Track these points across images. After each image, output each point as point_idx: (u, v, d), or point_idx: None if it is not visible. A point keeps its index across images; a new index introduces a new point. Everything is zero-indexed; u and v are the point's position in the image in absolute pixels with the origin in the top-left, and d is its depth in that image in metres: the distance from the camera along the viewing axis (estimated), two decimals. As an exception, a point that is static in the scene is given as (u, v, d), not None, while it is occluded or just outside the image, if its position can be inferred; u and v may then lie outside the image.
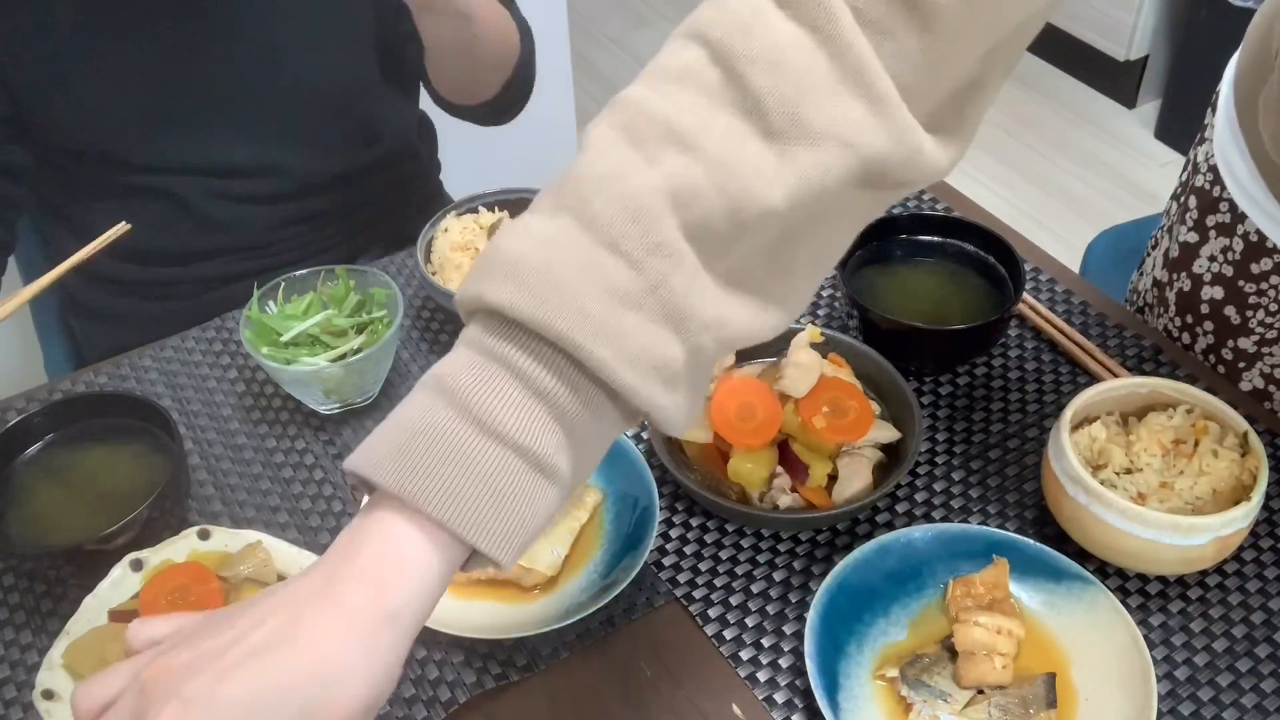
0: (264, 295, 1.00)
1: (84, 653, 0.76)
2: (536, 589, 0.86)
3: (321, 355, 0.97)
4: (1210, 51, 2.69)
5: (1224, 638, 0.83)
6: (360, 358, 0.95)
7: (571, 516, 0.89)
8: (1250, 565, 0.88)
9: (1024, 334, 1.07)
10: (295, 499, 0.95)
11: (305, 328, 0.97)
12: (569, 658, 0.83)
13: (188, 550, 0.83)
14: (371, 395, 1.01)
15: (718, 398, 0.89)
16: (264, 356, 0.96)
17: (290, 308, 1.00)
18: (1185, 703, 0.79)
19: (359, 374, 0.97)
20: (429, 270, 1.05)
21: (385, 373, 1.02)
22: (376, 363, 0.98)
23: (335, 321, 0.98)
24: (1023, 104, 3.06)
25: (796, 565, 0.89)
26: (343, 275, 1.01)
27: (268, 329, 0.98)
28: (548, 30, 1.35)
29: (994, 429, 0.99)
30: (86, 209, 1.24)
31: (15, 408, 1.02)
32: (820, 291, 1.12)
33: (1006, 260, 1.04)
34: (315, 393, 0.98)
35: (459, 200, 1.10)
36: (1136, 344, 1.05)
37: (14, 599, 0.88)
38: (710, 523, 0.92)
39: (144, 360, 1.07)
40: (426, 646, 0.84)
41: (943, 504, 0.93)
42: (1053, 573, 0.84)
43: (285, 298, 1.01)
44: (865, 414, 0.89)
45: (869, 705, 0.79)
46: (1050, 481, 0.87)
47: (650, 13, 3.57)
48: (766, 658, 0.83)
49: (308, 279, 1.02)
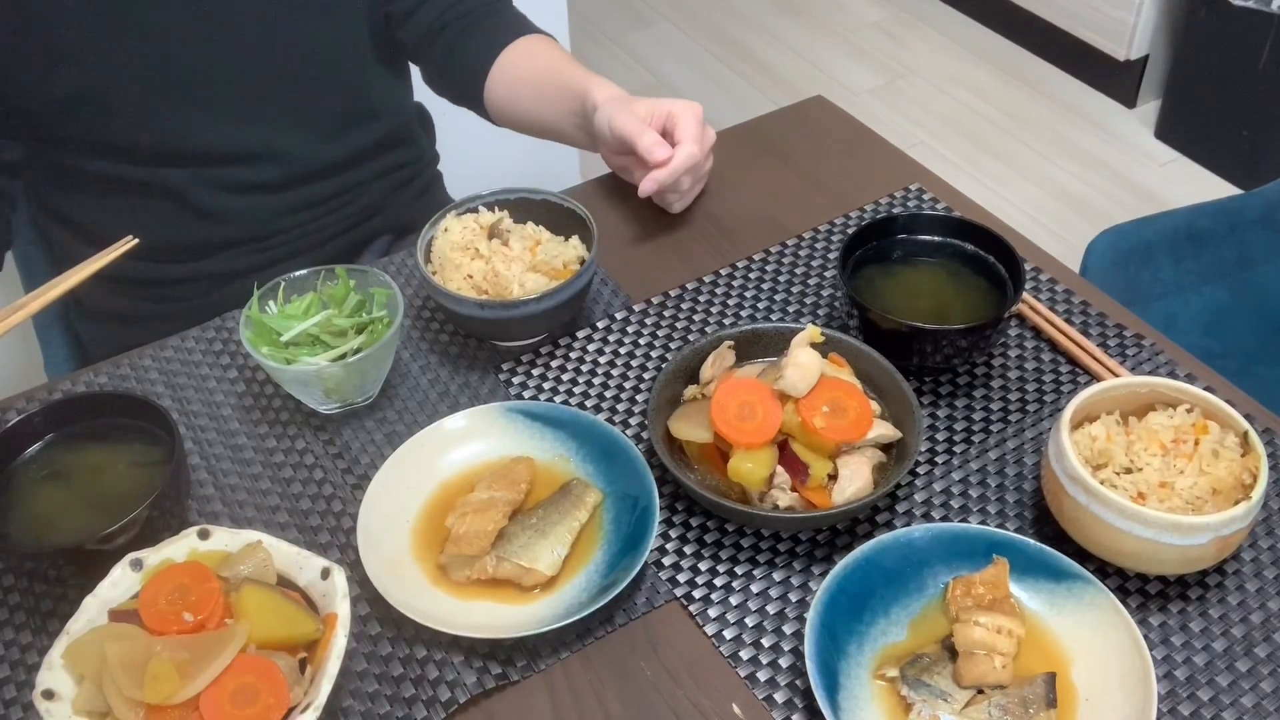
0: (264, 295, 1.00)
1: (84, 653, 0.76)
2: (536, 589, 0.86)
3: (321, 355, 0.97)
4: (1210, 51, 2.69)
5: (1224, 638, 0.83)
6: (360, 357, 0.95)
7: (571, 516, 0.89)
8: (1250, 565, 0.88)
9: (1024, 334, 1.07)
10: (295, 499, 0.95)
11: (305, 328, 0.97)
12: (569, 658, 0.83)
13: (188, 550, 0.83)
14: (371, 395, 1.01)
15: (718, 398, 0.89)
16: (264, 356, 0.96)
17: (290, 308, 1.00)
18: (1185, 703, 0.79)
19: (359, 374, 0.97)
20: (429, 270, 1.05)
21: (385, 372, 1.01)
22: (377, 362, 0.98)
23: (335, 321, 0.98)
24: (1023, 104, 3.06)
25: (796, 565, 0.89)
26: (343, 275, 1.01)
27: (268, 329, 0.98)
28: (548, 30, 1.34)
29: (994, 429, 0.99)
30: (86, 208, 1.23)
31: (15, 408, 1.02)
32: (820, 291, 1.12)
33: (1006, 260, 1.04)
34: (315, 393, 0.98)
35: (459, 200, 1.10)
36: (1136, 344, 1.05)
37: (14, 599, 0.88)
38: (710, 523, 0.92)
39: (144, 360, 1.07)
40: (427, 646, 0.84)
41: (943, 504, 0.93)
42: (1053, 573, 0.84)
43: (285, 298, 1.01)
44: (865, 414, 0.89)
45: (869, 705, 0.79)
46: (1050, 481, 0.87)
47: (650, 13, 3.57)
48: (766, 658, 0.83)
49: (308, 279, 1.02)
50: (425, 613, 0.82)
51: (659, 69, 3.32)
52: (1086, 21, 2.97)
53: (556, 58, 1.29)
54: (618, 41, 3.43)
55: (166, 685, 0.73)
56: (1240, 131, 2.71)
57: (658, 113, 1.14)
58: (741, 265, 1.16)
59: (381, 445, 0.98)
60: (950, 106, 3.08)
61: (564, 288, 1.01)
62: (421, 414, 1.01)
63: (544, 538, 0.87)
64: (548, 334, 1.07)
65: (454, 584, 0.86)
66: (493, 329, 1.04)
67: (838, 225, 1.20)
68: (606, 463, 0.93)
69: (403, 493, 0.92)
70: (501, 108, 1.31)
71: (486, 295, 1.03)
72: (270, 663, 0.75)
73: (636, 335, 1.09)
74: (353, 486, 0.95)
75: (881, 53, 3.33)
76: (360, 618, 0.85)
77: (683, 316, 1.10)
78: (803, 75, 3.25)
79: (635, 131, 1.11)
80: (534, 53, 1.30)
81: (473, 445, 0.95)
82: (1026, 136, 2.95)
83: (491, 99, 1.31)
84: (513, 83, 1.30)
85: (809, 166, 1.28)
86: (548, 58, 1.29)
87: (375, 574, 0.84)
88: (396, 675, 0.82)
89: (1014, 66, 3.19)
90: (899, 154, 1.31)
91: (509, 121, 1.34)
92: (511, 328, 1.03)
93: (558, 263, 1.05)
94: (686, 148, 1.11)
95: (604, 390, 1.03)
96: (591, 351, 1.07)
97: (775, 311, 1.11)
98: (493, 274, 1.03)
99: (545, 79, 1.27)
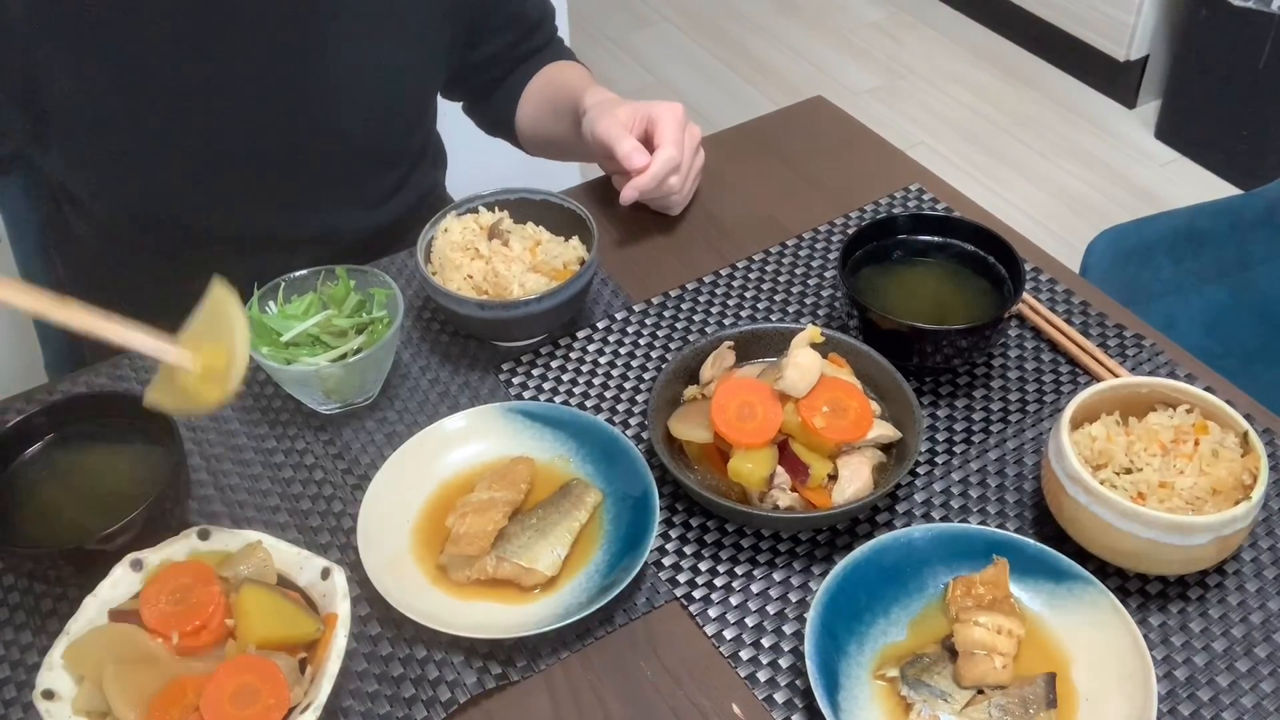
0: (264, 295, 1.00)
1: (84, 653, 0.76)
2: (536, 589, 0.86)
3: (321, 355, 0.97)
4: (1210, 51, 2.70)
5: (1224, 638, 0.83)
6: (360, 358, 0.95)
7: (571, 516, 0.89)
8: (1250, 565, 0.88)
9: (1024, 334, 1.07)
10: (295, 499, 0.95)
11: (305, 328, 0.97)
12: (569, 658, 0.83)
13: (188, 550, 0.83)
14: (371, 395, 1.01)
15: (718, 398, 0.89)
16: (264, 356, 0.96)
17: (290, 308, 1.00)
18: (1185, 703, 0.79)
19: (359, 374, 0.97)
20: (429, 270, 1.05)
21: (385, 373, 1.01)
22: (377, 363, 0.98)
23: (335, 322, 0.98)
24: (1023, 104, 3.06)
25: (796, 565, 0.89)
26: (343, 275, 1.01)
27: (268, 329, 0.98)
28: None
29: (994, 429, 0.99)
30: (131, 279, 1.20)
31: (15, 408, 1.02)
32: (820, 291, 1.12)
33: (1006, 260, 1.04)
34: (315, 393, 0.98)
35: (459, 200, 1.10)
36: (1137, 344, 1.05)
37: (14, 599, 0.88)
38: (710, 523, 0.92)
39: (144, 360, 1.07)
40: (427, 646, 0.84)
41: (943, 504, 0.93)
42: (1053, 573, 0.84)
43: (285, 298, 1.01)
44: (865, 414, 0.89)
45: (869, 705, 0.79)
46: (1050, 481, 0.87)
47: (650, 13, 3.57)
48: (766, 658, 0.83)
49: (308, 279, 1.02)
50: (425, 613, 0.82)
51: (659, 69, 3.32)
52: (1086, 22, 2.97)
53: (571, 74, 1.29)
54: (618, 41, 3.43)
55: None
56: (1240, 131, 2.72)
57: (638, 116, 1.13)
58: (741, 266, 1.16)
59: (381, 445, 0.98)
60: (950, 106, 3.08)
61: (564, 288, 1.01)
62: (421, 414, 1.01)
63: (544, 538, 0.87)
64: (548, 334, 1.07)
65: (454, 584, 0.86)
66: (493, 329, 1.04)
67: (837, 225, 1.20)
68: (606, 463, 0.93)
69: (403, 493, 0.92)
70: (528, 134, 1.33)
71: (487, 295, 1.03)
72: (270, 663, 0.75)
73: (636, 335, 1.09)
74: (353, 487, 0.95)
75: (881, 53, 3.33)
76: (360, 618, 0.85)
77: (683, 317, 1.10)
78: (803, 75, 3.25)
79: (614, 137, 1.11)
80: (552, 75, 1.30)
81: (473, 445, 0.95)
82: (1026, 136, 2.95)
83: (520, 126, 1.33)
84: (535, 104, 1.31)
85: (809, 166, 1.28)
86: (564, 76, 1.29)
87: (375, 574, 0.84)
88: (396, 675, 0.82)
89: (1014, 66, 3.19)
90: (899, 154, 1.31)
91: (538, 147, 1.35)
92: (512, 328, 1.03)
93: (558, 263, 1.05)
94: (665, 151, 1.10)
95: (604, 390, 1.03)
96: (591, 351, 1.07)
97: (775, 312, 1.11)
98: (493, 274, 1.03)
99: (556, 95, 1.27)
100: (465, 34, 1.25)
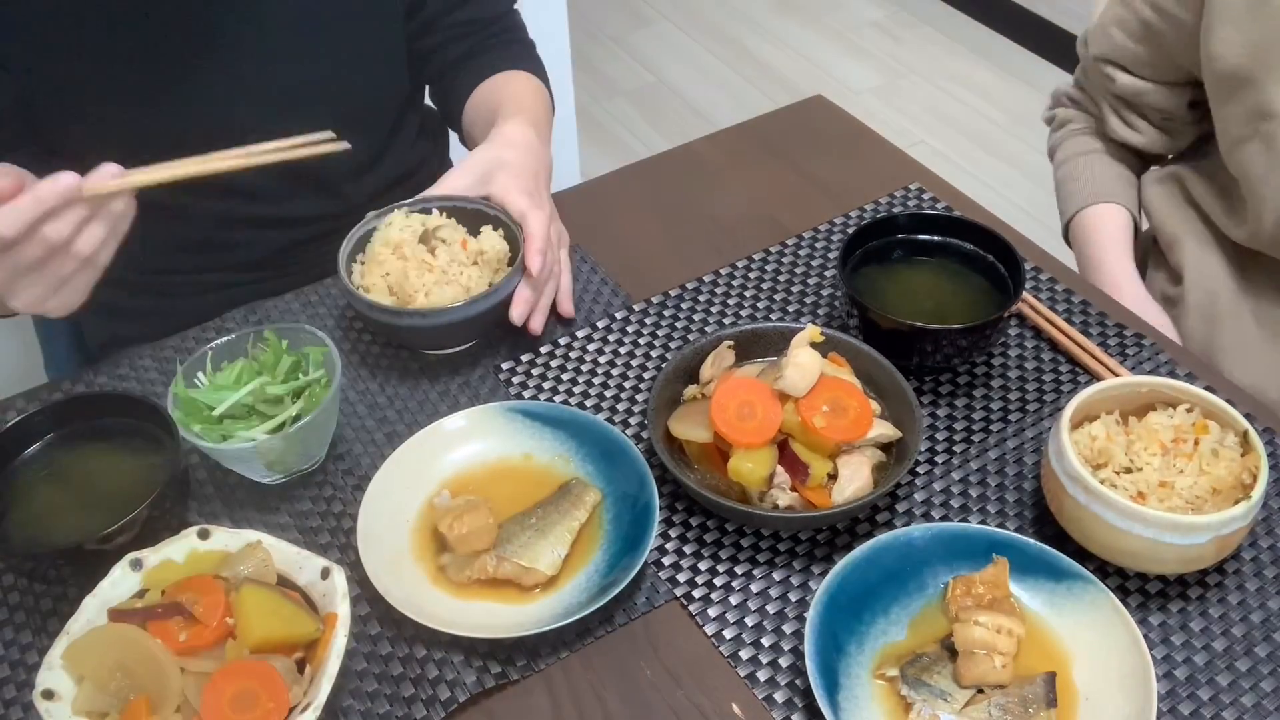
0: (191, 367, 0.93)
1: (84, 653, 0.76)
2: (536, 589, 0.86)
3: (258, 427, 0.90)
4: (1210, 51, 2.69)
5: (1224, 637, 0.83)
6: (300, 426, 0.89)
7: (571, 516, 0.89)
8: (1250, 565, 0.88)
9: (1024, 334, 1.07)
10: (295, 499, 0.95)
11: (238, 398, 0.90)
12: (569, 657, 0.83)
13: (188, 550, 0.83)
14: (318, 459, 0.96)
15: (717, 397, 0.89)
16: (196, 436, 0.89)
17: (220, 378, 0.93)
18: (1185, 702, 0.79)
19: (300, 443, 0.91)
20: (358, 262, 1.04)
21: (330, 436, 0.96)
22: (318, 428, 0.92)
23: (270, 390, 0.91)
24: (1023, 102, 3.06)
25: (796, 565, 0.89)
26: (273, 338, 0.94)
27: (197, 405, 0.91)
28: (548, 30, 1.34)
29: (994, 428, 0.99)
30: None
31: (15, 408, 1.02)
32: (820, 291, 1.12)
33: (1006, 259, 1.04)
34: (257, 467, 0.92)
35: (416, 197, 1.07)
36: (1137, 344, 1.05)
37: (14, 599, 0.88)
38: (710, 523, 0.92)
39: (144, 360, 1.07)
40: (426, 646, 0.84)
41: (943, 504, 0.93)
42: (1053, 572, 0.84)
43: (214, 366, 0.94)
44: (865, 414, 0.89)
45: (869, 705, 0.79)
46: (1050, 481, 0.87)
47: (650, 13, 3.57)
48: (766, 658, 0.83)
49: (236, 343, 0.95)
50: (425, 613, 0.82)
51: (659, 68, 3.32)
52: (1088, 21, 2.97)
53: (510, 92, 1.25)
54: (618, 41, 3.43)
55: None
56: (1240, 131, 2.71)
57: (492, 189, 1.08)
58: (741, 265, 1.16)
59: (381, 445, 0.98)
60: (950, 106, 3.08)
61: (472, 303, 0.99)
62: (421, 414, 1.01)
63: (544, 537, 0.87)
64: (467, 344, 1.06)
65: (454, 584, 0.86)
66: (401, 336, 1.03)
67: (838, 225, 1.20)
68: (606, 462, 0.93)
69: (403, 493, 0.92)
70: (473, 141, 1.30)
71: (394, 299, 1.01)
72: (268, 666, 0.75)
73: (636, 335, 1.09)
74: (353, 487, 0.95)
75: (881, 52, 3.33)
76: (360, 618, 0.86)
77: (683, 316, 1.10)
78: (803, 75, 3.25)
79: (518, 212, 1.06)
80: (497, 86, 1.27)
81: (473, 445, 0.95)
82: (1026, 136, 2.95)
83: (465, 130, 1.31)
84: (473, 112, 1.28)
85: (809, 166, 1.28)
86: (502, 93, 1.25)
87: (375, 574, 0.84)
88: (396, 675, 0.82)
89: (1014, 66, 3.19)
90: (899, 153, 1.31)
91: None
92: (415, 336, 1.02)
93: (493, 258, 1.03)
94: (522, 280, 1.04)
95: (604, 390, 1.03)
96: (591, 351, 1.07)
97: (775, 311, 1.11)
98: (404, 278, 1.00)
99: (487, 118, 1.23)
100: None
